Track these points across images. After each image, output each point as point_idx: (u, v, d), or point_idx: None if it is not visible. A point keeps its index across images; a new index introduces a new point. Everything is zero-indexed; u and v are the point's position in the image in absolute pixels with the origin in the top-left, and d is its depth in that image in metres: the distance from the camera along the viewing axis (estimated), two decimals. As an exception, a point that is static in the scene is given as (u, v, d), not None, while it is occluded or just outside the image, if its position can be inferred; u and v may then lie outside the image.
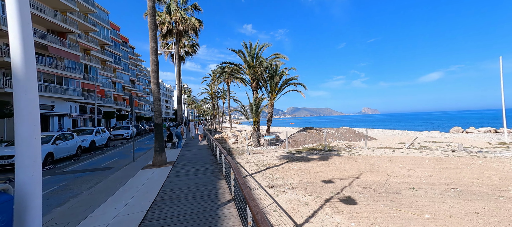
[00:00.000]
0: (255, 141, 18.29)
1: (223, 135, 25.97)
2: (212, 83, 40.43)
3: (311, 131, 21.00)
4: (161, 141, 7.95)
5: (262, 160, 13.11)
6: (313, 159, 12.70)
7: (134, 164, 8.58)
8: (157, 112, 7.88)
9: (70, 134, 11.38)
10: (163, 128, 30.25)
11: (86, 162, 10.43)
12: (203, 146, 14.10)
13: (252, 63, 18.65)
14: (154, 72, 7.61)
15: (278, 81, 18.13)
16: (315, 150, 16.18)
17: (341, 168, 10.15)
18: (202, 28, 17.50)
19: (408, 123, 79.00)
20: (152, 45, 7.26)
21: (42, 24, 21.52)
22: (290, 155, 14.33)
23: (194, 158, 9.57)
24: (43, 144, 9.39)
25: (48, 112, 21.67)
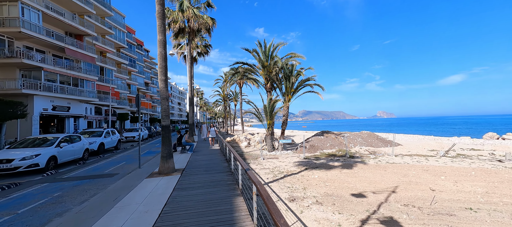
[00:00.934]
0: (269, 145, 17.28)
1: (235, 138, 25.18)
2: (224, 85, 40.00)
3: (329, 135, 19.65)
4: (168, 145, 7.15)
5: (278, 167, 12.09)
6: (335, 166, 11.48)
7: (140, 171, 7.83)
8: (164, 113, 7.04)
9: (77, 136, 10.88)
10: (172, 131, 29.67)
11: (91, 167, 9.91)
12: (215, 151, 13.25)
13: (266, 63, 17.74)
14: (162, 68, 6.81)
15: (294, 82, 17.05)
16: (335, 156, 14.89)
17: (370, 178, 8.90)
18: (215, 26, 16.90)
19: (429, 127, 74.46)
20: (160, 37, 6.53)
21: (60, 26, 21.97)
22: (308, 162, 13.19)
23: (205, 165, 8.75)
24: (46, 147, 8.88)
25: (64, 113, 21.96)
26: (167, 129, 7.28)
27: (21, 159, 7.89)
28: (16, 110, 12.44)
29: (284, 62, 17.64)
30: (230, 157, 8.25)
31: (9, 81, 17.30)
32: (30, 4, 17.83)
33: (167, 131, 7.26)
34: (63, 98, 21.37)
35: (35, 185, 7.26)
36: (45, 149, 8.64)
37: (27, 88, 17.82)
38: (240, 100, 33.46)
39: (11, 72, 18.20)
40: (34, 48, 19.78)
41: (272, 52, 18.13)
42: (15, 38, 18.13)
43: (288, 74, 17.49)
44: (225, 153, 11.54)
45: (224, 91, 42.30)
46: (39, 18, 18.77)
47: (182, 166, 8.31)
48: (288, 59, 18.12)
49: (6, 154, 8.01)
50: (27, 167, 7.97)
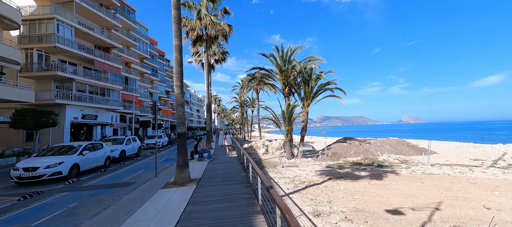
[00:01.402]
0: (288, 152, 16.57)
1: (252, 145, 24.76)
2: (241, 92, 40.09)
3: (352, 142, 18.40)
4: (184, 154, 6.84)
5: (299, 176, 11.38)
6: (362, 177, 10.49)
7: (156, 180, 7.67)
8: (180, 120, 6.76)
9: (99, 144, 11.03)
10: (190, 137, 30.00)
11: (111, 175, 9.99)
12: (232, 159, 12.87)
13: (284, 68, 17.25)
14: (178, 73, 6.60)
15: (313, 86, 16.31)
16: (360, 165, 13.76)
17: (405, 192, 7.86)
18: (231, 32, 16.92)
19: (464, 133, 67.75)
20: (176, 42, 6.40)
21: (90, 40, 23.61)
22: (331, 171, 12.29)
23: (222, 174, 8.38)
24: (69, 155, 8.99)
25: (92, 122, 23.27)
26: (183, 137, 6.99)
27: (46, 167, 8.09)
28: (49, 119, 13.29)
29: (303, 66, 17.02)
30: (248, 165, 7.78)
31: (45, 92, 18.75)
32: (64, 21, 19.37)
33: (182, 139, 6.97)
34: (91, 107, 22.70)
35: (55, 194, 7.37)
36: (68, 157, 8.79)
37: (60, 98, 19.16)
38: (257, 106, 33.17)
39: (47, 83, 19.75)
40: (67, 61, 21.39)
41: (289, 56, 17.63)
42: (51, 52, 19.73)
43: (307, 78, 16.80)
44: (243, 161, 11.12)
45: (241, 97, 42.39)
46: (72, 33, 20.31)
47: (198, 176, 8.01)
48: (306, 63, 17.47)
49: (33, 162, 8.21)
50: (51, 175, 8.16)
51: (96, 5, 23.27)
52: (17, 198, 6.88)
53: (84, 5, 21.52)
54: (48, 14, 18.44)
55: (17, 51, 14.19)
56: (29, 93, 14.47)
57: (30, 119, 11.88)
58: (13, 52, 13.84)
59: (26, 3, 19.29)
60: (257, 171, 4.79)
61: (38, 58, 18.76)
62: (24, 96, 14.04)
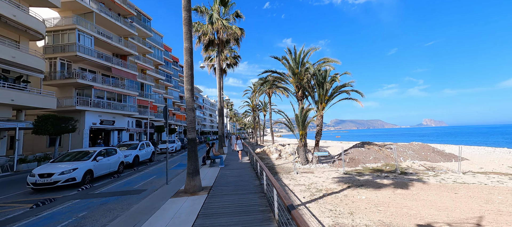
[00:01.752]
0: (302, 157, 15.95)
1: (265, 150, 24.29)
2: (253, 96, 39.92)
3: (371, 147, 17.39)
4: (195, 161, 6.52)
5: (315, 183, 10.77)
6: (384, 185, 9.71)
7: (166, 188, 7.45)
8: (190, 125, 6.48)
9: (113, 149, 11.03)
10: (202, 142, 29.76)
11: (123, 181, 10.02)
12: (244, 165, 12.48)
13: (297, 70, 16.78)
14: (188, 77, 6.33)
15: (328, 89, 15.67)
16: (381, 171, 12.86)
17: (437, 203, 7.07)
18: (243, 36, 16.80)
19: (494, 137, 62.69)
20: (187, 45, 6.21)
21: (108, 48, 24.61)
22: (350, 178, 11.55)
23: (234, 182, 8.01)
24: (83, 161, 8.97)
25: (110, 127, 24.04)
26: (194, 142, 6.66)
27: (60, 173, 8.11)
28: (68, 124, 13.79)
29: (316, 68, 16.47)
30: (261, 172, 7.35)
31: (66, 99, 19.63)
32: (84, 31, 20.31)
33: (193, 144, 6.64)
34: (109, 112, 23.47)
35: (67, 201, 7.32)
36: (82, 163, 8.78)
37: (80, 104, 19.96)
38: (269, 110, 32.74)
39: (69, 91, 20.69)
40: (87, 69, 22.36)
41: (302, 58, 17.16)
42: (73, 61, 20.71)
43: (321, 80, 16.20)
44: (255, 168, 10.70)
45: (253, 101, 42.22)
46: (91, 42, 21.24)
47: (210, 183, 7.72)
48: (320, 65, 16.90)
49: (48, 168, 8.26)
50: (65, 181, 8.16)
51: (114, 15, 24.27)
52: (30, 205, 6.89)
53: (103, 15, 22.49)
54: (70, 24, 19.42)
55: (41, 60, 14.96)
56: (51, 100, 15.16)
57: (50, 125, 12.38)
58: (37, 62, 14.60)
59: (51, 15, 20.49)
60: (273, 183, 4.36)
61: (61, 66, 19.74)
62: (47, 103, 14.73)
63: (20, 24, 13.44)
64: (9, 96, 12.34)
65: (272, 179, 4.61)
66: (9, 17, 12.53)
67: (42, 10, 20.23)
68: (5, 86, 12.35)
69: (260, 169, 7.62)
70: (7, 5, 12.63)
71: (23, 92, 13.34)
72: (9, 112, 13.23)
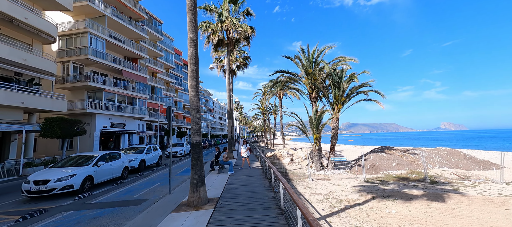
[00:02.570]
0: (316, 163, 14.89)
1: (276, 154, 23.35)
2: (263, 98, 39.15)
3: (393, 152, 16.00)
4: (199, 169, 5.67)
5: (333, 192, 9.76)
6: (415, 196, 8.54)
7: (169, 198, 6.66)
8: (195, 127, 5.64)
9: (117, 154, 10.38)
10: (211, 145, 28.83)
11: (125, 188, 9.35)
12: (256, 172, 11.53)
13: (310, 70, 15.83)
14: (193, 72, 5.55)
15: (345, 89, 14.56)
16: (407, 179, 11.58)
17: (487, 221, 5.89)
18: (254, 35, 16.12)
19: (524, 141, 57.89)
20: (191, 35, 5.43)
21: (119, 52, 24.81)
22: (372, 187, 10.41)
23: (245, 192, 7.07)
24: (83, 167, 8.33)
25: (120, 130, 24.05)
26: (198, 147, 5.78)
27: (57, 180, 7.45)
28: (76, 127, 13.61)
29: (332, 67, 15.43)
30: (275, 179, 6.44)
31: (78, 102, 19.75)
32: (96, 34, 20.48)
33: (198, 150, 5.78)
34: (119, 115, 23.49)
35: (59, 213, 6.68)
36: (81, 169, 8.14)
37: (91, 107, 20.01)
38: (280, 112, 31.78)
39: (81, 94, 20.85)
40: (98, 72, 22.54)
41: (316, 57, 16.20)
42: (85, 64, 20.91)
43: (337, 80, 15.12)
44: (268, 173, 9.80)
45: (263, 104, 41.43)
46: (103, 45, 21.39)
47: (217, 194, 6.87)
48: (336, 64, 15.83)
49: (45, 175, 7.62)
50: (62, 189, 7.50)
51: (125, 19, 24.47)
52: (17, 217, 6.23)
53: (115, 19, 22.67)
54: (82, 28, 19.63)
55: (53, 63, 15.02)
56: (61, 103, 15.15)
57: (57, 128, 12.20)
58: (49, 64, 14.65)
59: (65, 20, 20.86)
60: (296, 202, 3.42)
61: (73, 70, 19.94)
62: (57, 106, 14.70)
63: (32, 27, 13.54)
64: (19, 98, 12.34)
65: (294, 197, 3.69)
66: (21, 20, 12.60)
67: (57, 15, 20.67)
68: (16, 88, 12.36)
69: (274, 177, 6.71)
70: (20, 8, 12.73)
71: (34, 95, 13.33)
72: (20, 115, 13.27)
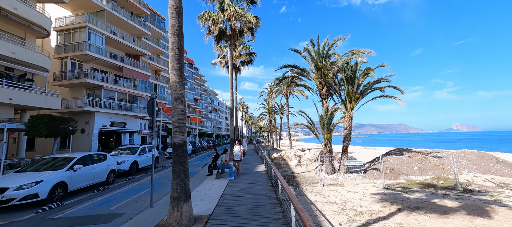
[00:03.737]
0: (327, 166, 13.51)
1: (282, 154, 22.03)
2: (269, 97, 37.85)
3: (413, 155, 14.43)
4: (182, 178, 4.28)
5: (350, 201, 8.42)
6: (450, 209, 7.15)
7: (147, 214, 5.48)
8: (178, 122, 4.29)
9: (102, 155, 9.09)
10: (209, 147, 26.87)
11: (105, 197, 7.91)
12: (260, 177, 9.94)
13: (321, 64, 14.43)
14: (175, 50, 4.24)
15: (360, 84, 13.12)
16: (434, 187, 10.08)
17: None
18: (259, 26, 14.82)
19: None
20: (173, 1, 4.18)
21: (121, 48, 24.05)
22: (395, 195, 9.00)
23: (246, 207, 5.55)
24: (55, 171, 7.01)
25: (121, 129, 23.26)
26: (181, 150, 4.37)
27: (17, 188, 6.13)
28: (68, 126, 12.69)
29: (344, 61, 14.00)
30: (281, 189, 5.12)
31: (75, 100, 18.99)
32: (95, 29, 19.70)
33: (181, 153, 4.36)
34: (120, 114, 22.68)
35: None
36: (50, 175, 6.78)
37: (89, 105, 19.23)
38: (287, 112, 30.38)
39: (80, 91, 20.13)
40: (98, 69, 21.80)
41: (327, 50, 14.80)
42: (84, 61, 20.18)
43: (351, 75, 13.69)
44: (272, 178, 8.48)
45: (268, 103, 40.14)
46: (102, 41, 20.61)
47: (208, 210, 5.32)
48: (348, 57, 14.36)
49: (5, 181, 6.34)
50: (23, 198, 6.17)
51: (127, 14, 23.68)
52: None
53: (115, 14, 21.89)
54: (80, 23, 18.89)
55: (46, 58, 14.21)
56: (55, 100, 14.32)
57: (44, 126, 11.25)
58: (42, 59, 13.84)
59: (64, 14, 20.20)
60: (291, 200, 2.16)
61: (71, 66, 19.21)
62: (50, 103, 13.87)
63: (22, 18, 12.72)
64: (7, 94, 11.49)
65: (296, 205, 2.37)
66: (9, 10, 11.80)
67: (56, 9, 20.03)
68: (3, 84, 11.54)
69: (281, 190, 5.33)
70: (8, -2, 11.83)
71: (23, 91, 12.50)
72: (10, 112, 12.49)
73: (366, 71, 12.93)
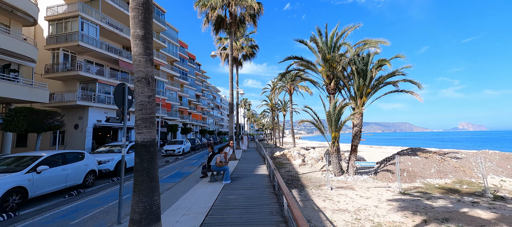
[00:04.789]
0: (335, 166, 12.37)
1: (285, 153, 20.93)
2: (271, 94, 36.64)
3: (429, 155, 13.20)
4: (148, 193, 3.12)
5: (364, 208, 7.33)
6: (487, 222, 6.04)
7: None
8: (142, 113, 3.21)
9: (79, 154, 7.86)
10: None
11: (73, 205, 6.53)
12: (259, 181, 8.41)
13: (329, 56, 13.18)
14: (139, 9, 3.18)
15: (373, 76, 11.87)
16: (458, 192, 8.91)
17: None
18: (262, 13, 13.54)
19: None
20: None
21: (117, 40, 23.05)
22: (414, 202, 7.90)
23: (239, 225, 4.36)
24: (10, 174, 5.79)
25: (117, 125, 22.31)
26: (147, 151, 3.23)
27: None
28: (52, 120, 11.66)
29: (355, 52, 12.74)
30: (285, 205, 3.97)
31: (68, 94, 18.04)
32: (89, 19, 18.66)
33: (146, 157, 3.20)
34: (116, 109, 21.71)
35: None
36: (4, 178, 5.55)
37: (83, 100, 18.28)
38: (290, 108, 29.17)
39: (73, 85, 19.19)
40: (94, 62, 20.81)
41: (336, 41, 13.56)
42: (77, 52, 19.19)
43: (362, 67, 12.45)
44: (278, 189, 7.30)
45: (272, 100, 38.93)
46: (96, 32, 19.57)
47: None
48: (359, 48, 13.07)
49: None
50: None
51: (123, 4, 22.59)
52: None
53: (111, 3, 20.82)
54: (73, 12, 17.87)
55: (32, 47, 13.23)
56: (42, 92, 13.36)
57: (22, 120, 10.24)
58: (28, 48, 12.87)
59: (56, 3, 19.17)
60: None
61: (64, 58, 18.25)
62: (36, 95, 12.91)
63: (3, 2, 11.71)
64: (-15, 85, 10.55)
65: None
66: (-13, -7, 10.82)
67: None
68: (-20, 73, 10.60)
69: (287, 207, 4.12)
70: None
71: (6, 82, 11.51)
72: (-8, 105, 11.60)
73: (380, 63, 11.66)
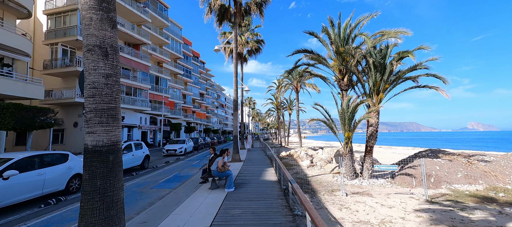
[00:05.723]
0: (348, 169, 11.30)
1: (292, 153, 19.94)
2: (277, 92, 35.53)
3: (454, 158, 11.96)
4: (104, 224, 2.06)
5: (389, 220, 6.35)
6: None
7: None
8: (95, 101, 2.31)
9: (61, 156, 6.88)
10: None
11: (44, 219, 5.43)
12: (268, 189, 7.06)
13: (342, 48, 12.06)
14: None
15: (392, 70, 10.73)
16: (495, 202, 7.77)
17: None
18: (269, 2, 12.49)
19: None
20: None
21: (119, 36, 22.35)
22: (447, 213, 6.84)
23: None
24: None
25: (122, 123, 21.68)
26: (102, 161, 2.34)
27: None
28: (45, 118, 10.91)
29: (372, 43, 11.59)
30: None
31: (66, 90, 17.44)
32: (88, 14, 17.98)
33: (101, 170, 2.29)
34: (117, 107, 21.09)
35: None
36: None
37: (81, 97, 17.62)
38: (297, 107, 28.07)
39: (72, 81, 18.62)
40: (94, 58, 20.17)
41: (349, 33, 12.46)
42: (77, 48, 18.59)
43: (380, 60, 11.33)
44: (292, 199, 6.20)
45: (277, 98, 37.84)
46: (96, 27, 18.89)
47: None
48: (376, 40, 11.90)
49: None
50: None
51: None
52: None
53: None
54: (71, 5, 17.22)
55: (26, 40, 12.58)
56: (37, 88, 12.69)
57: (10, 118, 9.48)
58: (21, 42, 12.20)
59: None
60: None
61: (63, 53, 17.65)
62: (30, 92, 12.24)
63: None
64: (-27, 80, 9.88)
65: None
66: (-24, -18, 10.17)
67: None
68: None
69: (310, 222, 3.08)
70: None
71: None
72: (-17, 101, 10.98)
73: (402, 55, 10.52)
